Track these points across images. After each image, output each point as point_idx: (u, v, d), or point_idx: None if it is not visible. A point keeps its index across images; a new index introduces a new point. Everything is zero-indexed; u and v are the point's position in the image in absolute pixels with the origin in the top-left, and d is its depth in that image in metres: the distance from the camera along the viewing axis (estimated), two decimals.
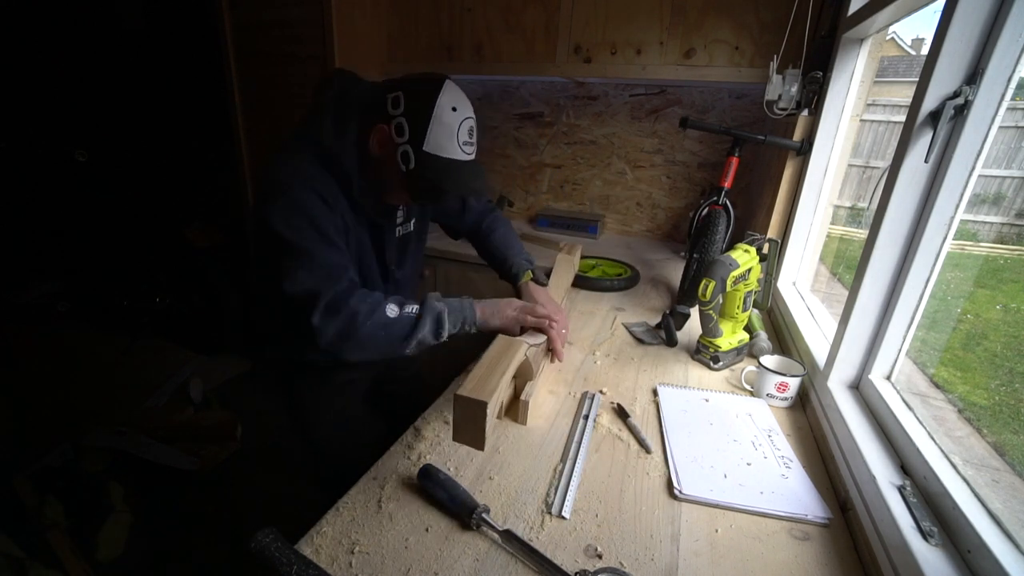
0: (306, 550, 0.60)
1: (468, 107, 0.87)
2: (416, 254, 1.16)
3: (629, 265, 1.65)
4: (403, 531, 0.64)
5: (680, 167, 2.00)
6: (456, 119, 0.84)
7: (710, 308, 1.03)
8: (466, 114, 0.86)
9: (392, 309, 0.85)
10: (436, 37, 1.88)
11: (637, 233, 2.17)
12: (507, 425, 0.86)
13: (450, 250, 1.85)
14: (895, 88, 2.48)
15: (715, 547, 0.63)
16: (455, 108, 0.84)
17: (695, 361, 1.10)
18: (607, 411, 0.91)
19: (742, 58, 1.53)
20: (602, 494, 0.71)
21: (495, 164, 2.30)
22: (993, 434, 0.94)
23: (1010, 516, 0.54)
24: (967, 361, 1.19)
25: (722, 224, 1.34)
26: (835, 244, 1.73)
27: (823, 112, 1.23)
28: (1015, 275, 1.48)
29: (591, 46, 1.67)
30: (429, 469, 0.70)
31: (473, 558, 0.60)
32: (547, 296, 1.09)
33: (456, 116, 0.84)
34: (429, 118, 0.83)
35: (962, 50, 0.67)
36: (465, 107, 0.86)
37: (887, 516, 0.59)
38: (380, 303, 0.84)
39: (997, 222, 1.66)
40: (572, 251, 1.17)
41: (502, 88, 2.16)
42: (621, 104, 2.01)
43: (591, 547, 0.62)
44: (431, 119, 0.83)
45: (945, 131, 0.68)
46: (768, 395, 0.95)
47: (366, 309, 0.82)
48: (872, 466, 0.67)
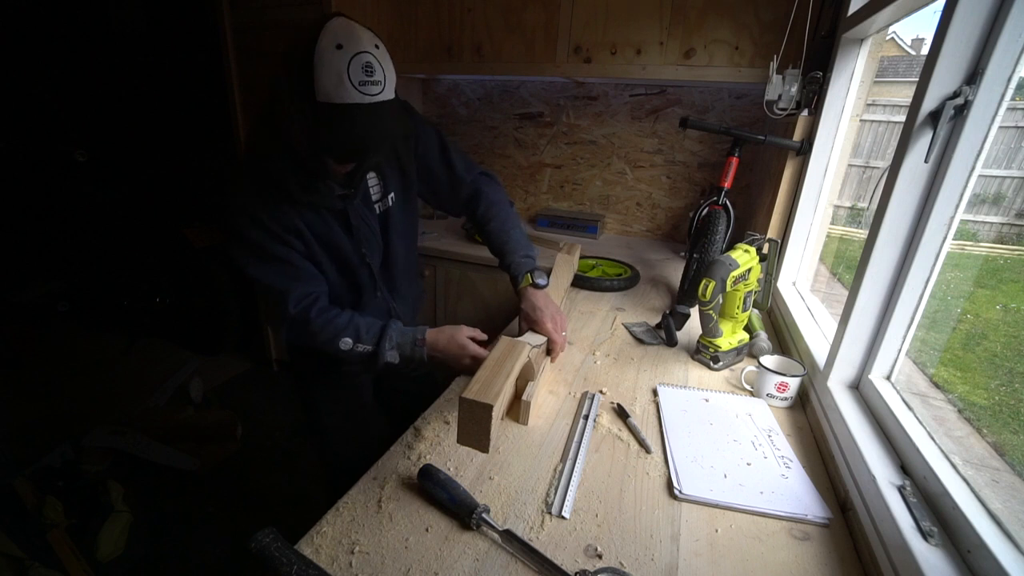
0: (306, 550, 0.60)
1: (361, 41, 0.75)
2: (405, 236, 1.09)
3: (629, 265, 1.65)
4: (403, 531, 0.64)
5: (680, 167, 2.00)
6: (343, 57, 0.73)
7: (710, 308, 1.03)
8: (356, 48, 0.74)
9: (346, 343, 0.90)
10: (436, 37, 1.88)
11: (637, 233, 2.17)
12: (508, 425, 0.86)
13: (450, 250, 1.86)
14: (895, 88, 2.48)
15: (715, 547, 0.63)
16: (340, 45, 0.73)
17: (695, 361, 1.10)
18: (607, 411, 0.91)
19: (742, 58, 1.53)
20: (602, 494, 0.71)
21: (495, 164, 2.30)
22: (993, 434, 0.94)
23: (1010, 516, 0.54)
24: (967, 361, 1.19)
25: (722, 224, 1.34)
26: (835, 244, 1.73)
27: (823, 112, 1.23)
28: (1015, 275, 1.48)
29: (591, 46, 1.67)
30: (429, 469, 0.70)
31: (473, 558, 0.60)
32: (546, 299, 1.05)
33: (342, 53, 0.73)
34: (311, 66, 0.73)
35: (962, 50, 0.67)
36: (354, 41, 0.74)
37: (887, 516, 0.59)
38: (337, 334, 0.90)
39: (997, 222, 1.66)
40: (571, 251, 1.17)
41: (502, 88, 2.16)
42: (621, 104, 2.01)
43: (591, 547, 0.62)
44: (313, 66, 0.73)
45: (945, 131, 0.68)
46: (768, 395, 0.95)
47: (324, 338, 0.90)
48: (872, 466, 0.67)
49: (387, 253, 1.05)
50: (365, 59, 0.75)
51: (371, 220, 1.00)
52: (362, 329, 0.92)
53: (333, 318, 0.92)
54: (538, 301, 1.02)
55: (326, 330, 0.90)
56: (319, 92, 0.74)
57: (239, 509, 1.76)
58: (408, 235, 1.11)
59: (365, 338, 0.91)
